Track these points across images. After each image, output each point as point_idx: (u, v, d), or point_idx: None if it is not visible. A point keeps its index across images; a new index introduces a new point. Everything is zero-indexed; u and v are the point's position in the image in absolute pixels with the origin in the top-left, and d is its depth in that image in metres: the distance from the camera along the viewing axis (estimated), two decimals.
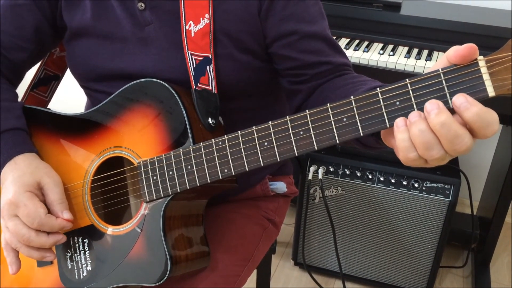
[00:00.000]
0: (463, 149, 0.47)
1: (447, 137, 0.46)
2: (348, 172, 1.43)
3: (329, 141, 0.55)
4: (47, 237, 0.68)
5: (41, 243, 0.68)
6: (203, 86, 0.73)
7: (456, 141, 0.46)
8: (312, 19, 0.75)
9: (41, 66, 0.93)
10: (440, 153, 0.48)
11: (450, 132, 0.46)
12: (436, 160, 0.49)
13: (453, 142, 0.46)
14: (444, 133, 0.46)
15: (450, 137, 0.46)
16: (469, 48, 0.47)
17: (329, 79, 0.76)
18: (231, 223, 0.87)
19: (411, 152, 0.49)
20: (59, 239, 0.69)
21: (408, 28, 1.41)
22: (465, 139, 0.46)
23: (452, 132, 0.46)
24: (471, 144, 0.47)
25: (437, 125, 0.46)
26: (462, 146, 0.47)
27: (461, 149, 0.47)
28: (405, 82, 0.50)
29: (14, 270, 0.71)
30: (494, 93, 0.46)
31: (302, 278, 1.65)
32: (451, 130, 0.46)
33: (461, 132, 0.46)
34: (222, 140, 0.63)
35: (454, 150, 0.47)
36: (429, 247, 1.44)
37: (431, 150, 0.48)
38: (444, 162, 0.50)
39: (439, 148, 0.48)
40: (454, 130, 0.46)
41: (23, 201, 0.67)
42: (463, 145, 0.46)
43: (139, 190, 0.71)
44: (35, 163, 0.72)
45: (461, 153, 0.47)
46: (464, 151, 0.47)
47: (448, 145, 0.47)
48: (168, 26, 0.74)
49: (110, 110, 0.74)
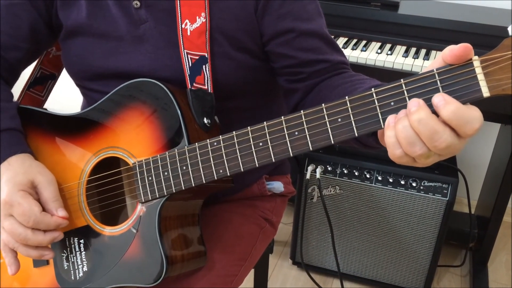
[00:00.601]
0: (444, 145, 0.47)
1: (425, 133, 0.47)
2: (346, 171, 1.43)
3: (324, 142, 0.55)
4: (44, 235, 0.68)
5: (38, 241, 0.68)
6: (198, 86, 0.73)
7: (435, 137, 0.47)
8: (309, 17, 0.75)
9: (37, 66, 0.93)
10: (422, 150, 0.48)
11: (427, 128, 0.47)
12: (421, 156, 0.49)
13: (432, 138, 0.47)
14: (422, 129, 0.47)
15: (428, 133, 0.47)
16: (463, 48, 0.47)
17: (327, 78, 0.76)
18: (228, 223, 0.87)
19: (396, 149, 0.50)
20: (56, 236, 0.69)
21: (406, 27, 1.40)
22: (444, 136, 0.47)
23: (429, 128, 0.47)
24: (453, 142, 0.47)
25: (415, 121, 0.47)
26: (441, 143, 0.47)
27: (442, 146, 0.47)
28: (400, 82, 0.50)
29: (13, 270, 0.71)
30: (489, 93, 0.46)
31: (300, 277, 1.65)
32: (428, 126, 0.47)
33: (439, 129, 0.47)
34: (217, 140, 0.63)
35: (435, 146, 0.47)
36: (427, 246, 1.44)
37: (414, 146, 0.48)
38: (432, 161, 0.50)
39: (421, 145, 0.48)
40: (431, 126, 0.47)
41: (17, 200, 0.66)
42: (442, 142, 0.47)
43: (135, 190, 0.71)
44: (28, 162, 0.72)
45: (445, 150, 0.48)
46: (447, 149, 0.47)
47: (428, 141, 0.48)
48: (163, 24, 0.74)
49: (105, 110, 0.74)
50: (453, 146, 0.47)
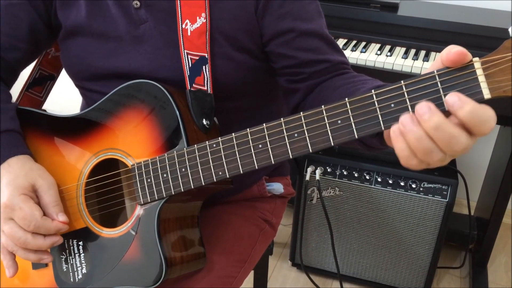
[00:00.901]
0: (461, 148, 0.46)
1: (444, 139, 0.46)
2: (346, 172, 1.43)
3: (324, 144, 0.55)
4: (44, 239, 0.68)
5: (38, 245, 0.67)
6: (198, 86, 0.73)
7: (453, 142, 0.46)
8: (309, 17, 0.75)
9: (36, 66, 0.93)
10: (439, 156, 0.48)
11: (445, 135, 0.46)
12: (437, 162, 0.49)
13: (450, 144, 0.46)
14: (440, 136, 0.46)
15: (446, 139, 0.46)
16: (458, 55, 0.46)
17: (328, 78, 0.76)
18: (227, 224, 0.87)
19: (412, 160, 0.49)
20: (56, 241, 0.69)
21: (405, 28, 1.40)
22: (461, 139, 0.46)
23: (447, 134, 0.46)
24: (469, 143, 0.47)
25: (432, 129, 0.46)
26: (459, 147, 0.46)
27: (459, 149, 0.46)
28: (400, 84, 0.50)
29: (11, 273, 0.71)
30: (490, 95, 0.46)
31: (299, 279, 1.65)
32: (446, 132, 0.46)
33: (456, 133, 0.46)
34: (216, 142, 0.63)
35: (453, 151, 0.47)
36: (427, 247, 1.44)
37: (431, 154, 0.48)
38: (446, 162, 0.49)
39: (438, 151, 0.47)
40: (449, 132, 0.46)
41: (18, 204, 0.66)
42: (460, 145, 0.46)
43: (134, 192, 0.70)
44: (29, 165, 0.71)
45: (460, 153, 0.47)
46: (463, 151, 0.47)
47: (446, 147, 0.47)
48: (163, 24, 0.74)
49: (104, 111, 0.74)
50: (468, 146, 0.47)
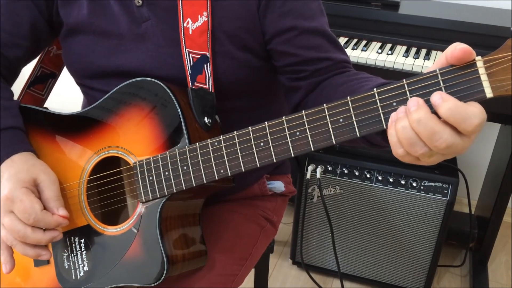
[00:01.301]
0: (444, 145, 0.47)
1: (425, 133, 0.47)
2: (346, 171, 1.43)
3: (326, 142, 0.55)
4: (43, 234, 0.68)
5: (37, 239, 0.67)
6: (199, 85, 0.73)
7: (434, 137, 0.47)
8: (312, 14, 0.75)
9: (37, 64, 0.93)
10: (423, 149, 0.48)
11: (427, 129, 0.47)
12: (423, 155, 0.49)
13: (432, 139, 0.47)
14: (421, 130, 0.47)
15: (427, 133, 0.47)
16: (463, 52, 0.46)
17: (329, 76, 0.76)
18: (228, 222, 0.87)
19: (398, 148, 0.50)
20: (55, 236, 0.69)
21: (406, 27, 1.40)
22: (444, 136, 0.46)
23: (428, 128, 0.47)
24: (454, 141, 0.47)
25: (414, 122, 0.47)
26: (442, 143, 0.47)
27: (442, 146, 0.47)
28: (402, 82, 0.50)
29: (8, 269, 0.71)
30: (492, 94, 0.46)
31: (300, 277, 1.65)
32: (427, 126, 0.47)
33: (438, 129, 0.46)
34: (218, 140, 0.63)
35: (435, 146, 0.47)
36: (427, 246, 1.44)
37: (414, 146, 0.48)
38: (436, 159, 0.50)
39: (422, 145, 0.48)
40: (430, 127, 0.46)
41: (19, 196, 0.66)
42: (442, 142, 0.47)
43: (135, 190, 0.71)
44: (32, 161, 0.72)
45: (446, 150, 0.47)
46: (448, 148, 0.47)
47: (428, 142, 0.47)
48: (165, 23, 0.74)
49: (106, 109, 0.74)
50: (455, 145, 0.47)
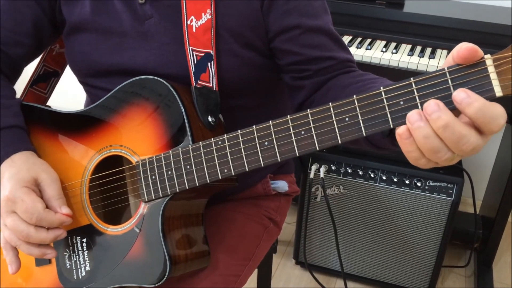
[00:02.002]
0: (470, 148, 0.46)
1: (452, 139, 0.45)
2: (350, 170, 1.42)
3: (331, 141, 0.54)
4: (47, 233, 0.67)
5: (40, 238, 0.67)
6: (203, 83, 0.72)
7: (462, 142, 0.45)
8: (315, 13, 0.74)
9: (40, 63, 0.93)
10: (447, 155, 0.47)
11: (455, 134, 0.45)
12: (445, 161, 0.48)
13: (459, 143, 0.45)
14: (449, 135, 0.45)
15: (455, 139, 0.45)
16: (469, 51, 0.45)
17: (334, 76, 0.75)
18: (231, 222, 0.86)
19: (420, 159, 0.49)
20: (59, 234, 0.68)
21: (411, 25, 1.39)
22: (471, 139, 0.45)
23: (457, 133, 0.45)
24: (479, 143, 0.46)
25: (440, 128, 0.45)
26: (468, 146, 0.45)
27: (468, 149, 0.46)
28: (410, 81, 0.49)
29: (14, 269, 0.70)
30: (501, 93, 0.45)
31: (303, 277, 1.65)
32: (455, 132, 0.45)
33: (466, 133, 0.45)
34: (221, 139, 0.62)
35: (461, 150, 0.46)
36: (432, 246, 1.43)
37: (438, 153, 0.47)
38: (455, 161, 0.49)
39: (446, 150, 0.47)
40: (458, 132, 0.45)
41: (20, 196, 0.66)
42: (469, 145, 0.45)
43: (138, 189, 0.70)
44: (32, 160, 0.71)
45: (469, 152, 0.46)
46: (472, 151, 0.46)
47: (454, 147, 0.46)
48: (168, 20, 0.73)
49: (109, 108, 0.73)
50: (479, 147, 0.46)
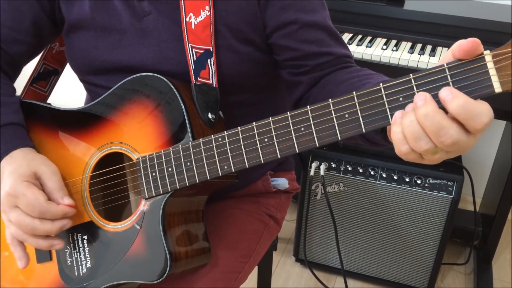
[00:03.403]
0: (449, 141, 0.46)
1: (431, 128, 0.46)
2: (350, 168, 1.42)
3: (331, 138, 0.54)
4: (52, 223, 0.67)
5: (46, 230, 0.67)
6: (203, 80, 0.72)
7: (441, 132, 0.46)
8: (313, 8, 0.74)
9: (40, 61, 0.93)
10: (428, 145, 0.47)
11: (433, 123, 0.46)
12: (427, 152, 0.48)
13: (438, 134, 0.46)
14: (428, 124, 0.46)
15: (434, 128, 0.46)
16: (472, 43, 0.46)
17: (331, 71, 0.75)
18: (232, 219, 0.86)
19: (403, 145, 0.49)
20: (65, 224, 0.68)
21: (411, 23, 1.39)
22: (450, 131, 0.46)
23: (435, 123, 0.46)
24: (461, 138, 0.46)
25: (421, 115, 0.46)
26: (447, 139, 0.46)
27: (448, 142, 0.46)
28: (409, 77, 0.49)
29: (24, 264, 0.71)
30: (500, 88, 0.45)
31: (303, 274, 1.65)
32: (434, 121, 0.46)
33: (445, 124, 0.46)
34: (221, 136, 0.62)
35: (441, 142, 0.46)
36: (431, 244, 1.43)
37: (419, 141, 0.47)
38: (440, 157, 0.49)
39: (427, 140, 0.47)
40: (437, 121, 0.46)
41: (21, 191, 0.66)
42: (448, 138, 0.46)
43: (138, 186, 0.70)
44: (31, 154, 0.71)
45: (451, 147, 0.47)
46: (454, 145, 0.46)
47: (434, 137, 0.47)
48: (167, 17, 0.73)
49: (109, 105, 0.73)
50: (460, 142, 0.46)
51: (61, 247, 0.70)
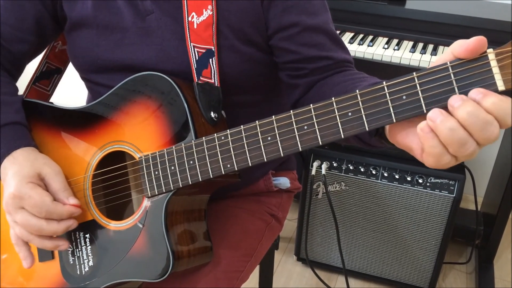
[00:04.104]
0: (494, 135, 0.45)
1: (476, 126, 0.45)
2: (352, 167, 1.42)
3: (334, 136, 0.54)
4: (58, 224, 0.68)
5: (52, 230, 0.67)
6: (205, 79, 0.72)
7: (487, 127, 0.45)
8: (315, 11, 0.74)
9: (43, 60, 0.93)
10: (473, 146, 0.46)
11: (479, 119, 0.44)
12: (468, 156, 0.47)
13: (485, 130, 0.45)
14: (473, 121, 0.45)
15: (480, 125, 0.44)
16: (478, 42, 0.45)
17: (329, 75, 0.75)
18: (234, 219, 0.87)
19: (443, 156, 0.47)
20: (70, 224, 0.69)
21: (413, 22, 1.39)
22: (494, 123, 0.45)
23: (481, 119, 0.44)
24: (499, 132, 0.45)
25: (464, 115, 0.45)
26: (492, 133, 0.45)
27: (492, 136, 0.45)
28: (412, 75, 0.49)
29: (29, 263, 0.71)
30: (504, 87, 0.45)
31: (304, 273, 1.65)
32: (480, 117, 0.44)
33: (489, 118, 0.45)
34: (224, 134, 0.62)
35: (487, 138, 0.45)
36: (433, 243, 1.43)
37: (465, 145, 0.46)
38: (474, 156, 0.48)
39: (472, 141, 0.46)
40: (483, 117, 0.44)
41: (27, 192, 0.66)
42: (493, 131, 0.45)
43: (141, 185, 0.70)
44: (33, 155, 0.71)
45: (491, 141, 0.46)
46: (494, 139, 0.45)
47: (479, 135, 0.45)
48: (169, 16, 0.73)
49: (112, 104, 0.73)
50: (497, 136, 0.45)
51: (66, 247, 0.71)
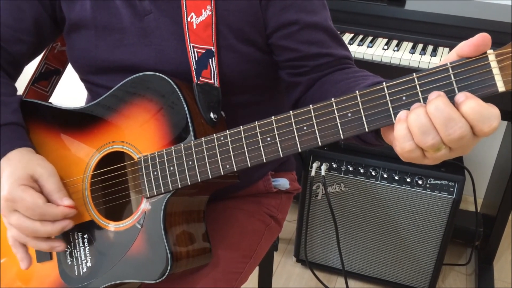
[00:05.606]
0: (457, 134, 0.46)
1: (440, 119, 0.46)
2: (351, 168, 1.42)
3: (333, 137, 0.54)
4: (53, 225, 0.67)
5: (47, 232, 0.67)
6: (204, 80, 0.72)
7: (450, 124, 0.46)
8: (314, 9, 0.74)
9: (42, 61, 0.92)
10: (435, 139, 0.47)
11: (443, 114, 0.46)
12: (432, 147, 0.47)
13: (447, 126, 0.46)
14: (438, 115, 0.46)
15: (443, 119, 0.46)
16: (482, 37, 0.46)
17: (330, 72, 0.75)
18: (233, 220, 0.86)
19: (407, 141, 0.49)
20: (66, 225, 0.68)
21: (413, 23, 1.39)
22: (459, 123, 0.45)
23: (446, 114, 0.46)
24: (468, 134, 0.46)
25: (431, 107, 0.46)
26: (456, 131, 0.46)
27: (455, 134, 0.46)
28: (412, 76, 0.49)
29: (26, 265, 0.71)
30: (504, 88, 0.45)
31: (304, 275, 1.65)
32: (445, 112, 0.46)
33: (455, 116, 0.46)
34: (224, 135, 0.62)
35: (449, 135, 0.46)
36: (433, 244, 1.43)
37: (426, 135, 0.47)
38: (442, 155, 0.49)
39: (435, 133, 0.47)
40: (448, 112, 0.46)
41: (19, 195, 0.65)
42: (457, 130, 0.46)
43: (140, 185, 0.70)
44: (28, 156, 0.70)
45: (457, 142, 0.46)
46: (460, 140, 0.46)
47: (442, 129, 0.46)
48: (168, 16, 0.73)
49: (111, 104, 0.73)
50: (465, 138, 0.46)
51: (62, 249, 0.70)
